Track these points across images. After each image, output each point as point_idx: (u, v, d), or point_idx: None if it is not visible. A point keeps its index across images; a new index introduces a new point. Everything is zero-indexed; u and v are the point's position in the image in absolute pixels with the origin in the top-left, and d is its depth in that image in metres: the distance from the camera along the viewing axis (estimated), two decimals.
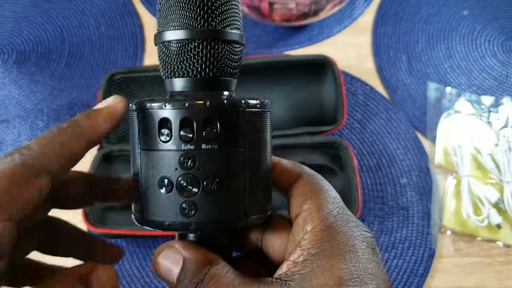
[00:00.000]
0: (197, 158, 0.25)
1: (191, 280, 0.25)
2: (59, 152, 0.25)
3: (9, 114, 0.74)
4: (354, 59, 0.80)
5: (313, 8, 0.74)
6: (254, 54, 0.78)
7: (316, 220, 0.26)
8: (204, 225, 0.26)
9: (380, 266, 0.26)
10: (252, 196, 0.27)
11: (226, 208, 0.26)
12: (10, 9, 0.85)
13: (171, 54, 0.27)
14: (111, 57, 0.79)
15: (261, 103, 0.27)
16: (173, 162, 0.25)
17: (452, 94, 0.75)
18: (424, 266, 0.62)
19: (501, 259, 0.63)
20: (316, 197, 0.27)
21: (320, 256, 0.25)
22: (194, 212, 0.25)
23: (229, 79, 0.28)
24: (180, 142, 0.25)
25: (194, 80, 0.27)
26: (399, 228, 0.65)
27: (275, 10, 0.74)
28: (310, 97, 0.72)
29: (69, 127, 0.26)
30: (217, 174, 0.25)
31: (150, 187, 0.26)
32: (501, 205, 0.64)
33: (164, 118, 0.25)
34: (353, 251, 0.25)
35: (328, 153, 0.67)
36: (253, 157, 0.27)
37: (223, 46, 0.27)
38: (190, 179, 0.25)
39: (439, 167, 0.69)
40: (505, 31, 0.82)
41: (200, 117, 0.25)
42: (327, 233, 0.25)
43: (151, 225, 0.27)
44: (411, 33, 0.82)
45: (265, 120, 0.28)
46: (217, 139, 0.25)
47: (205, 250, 0.26)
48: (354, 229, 0.26)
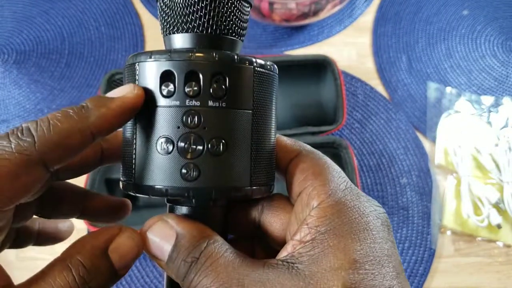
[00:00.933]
0: (203, 116, 0.23)
1: (185, 259, 0.22)
2: (58, 143, 0.22)
3: (9, 114, 0.74)
4: (354, 59, 0.80)
5: (313, 8, 0.74)
6: (254, 54, 0.78)
7: (323, 194, 0.23)
8: (206, 191, 0.23)
9: (394, 245, 0.24)
10: (258, 165, 0.24)
11: (230, 174, 0.23)
12: (10, 9, 0.85)
13: (175, 6, 0.24)
14: (111, 57, 0.79)
15: (270, 65, 0.25)
16: (176, 119, 0.23)
17: (452, 94, 0.75)
18: (424, 266, 0.62)
19: (501, 259, 0.63)
20: (320, 172, 0.24)
21: (331, 235, 0.22)
22: (197, 176, 0.23)
23: (235, 39, 0.25)
24: (184, 98, 0.23)
25: (199, 36, 0.24)
26: (399, 228, 0.65)
27: (275, 10, 0.74)
28: (310, 97, 0.72)
29: (75, 114, 0.22)
30: (224, 135, 0.23)
31: (146, 148, 0.24)
32: (501, 205, 0.64)
33: (167, 70, 0.23)
34: (368, 230, 0.22)
35: (328, 153, 0.67)
36: (260, 121, 0.24)
37: (232, 1, 0.25)
38: (194, 139, 0.23)
39: (439, 167, 0.69)
40: (505, 31, 0.82)
41: (208, 71, 0.23)
42: (337, 209, 0.23)
43: (145, 191, 0.24)
44: (411, 33, 0.82)
45: (274, 84, 0.26)
46: (226, 97, 0.23)
47: (201, 225, 0.24)
48: (366, 204, 0.24)
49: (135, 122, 0.24)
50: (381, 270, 0.22)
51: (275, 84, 0.26)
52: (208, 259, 0.22)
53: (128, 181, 0.25)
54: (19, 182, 0.21)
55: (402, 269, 0.23)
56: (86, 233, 0.63)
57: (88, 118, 0.22)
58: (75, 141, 0.22)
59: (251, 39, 0.81)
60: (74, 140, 0.22)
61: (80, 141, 0.22)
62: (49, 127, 0.22)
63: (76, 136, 0.22)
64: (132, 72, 0.25)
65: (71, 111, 0.23)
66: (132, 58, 0.25)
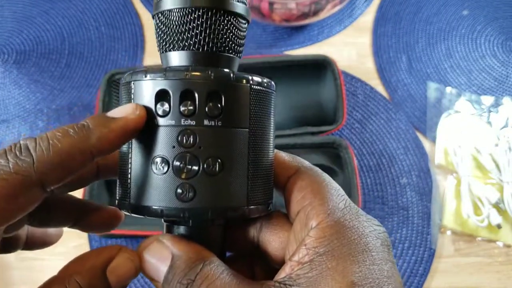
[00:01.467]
0: (198, 135, 0.22)
1: (180, 281, 0.22)
2: (57, 164, 0.21)
3: (9, 114, 0.74)
4: (354, 59, 0.80)
5: (313, 8, 0.74)
6: (254, 54, 0.78)
7: (322, 214, 0.23)
8: (202, 211, 0.23)
9: (395, 266, 0.23)
10: (255, 183, 0.24)
11: (227, 194, 0.23)
12: (10, 9, 0.85)
13: (171, 24, 0.24)
14: (111, 57, 0.79)
15: (267, 82, 0.25)
16: (171, 139, 0.23)
17: (452, 94, 0.75)
18: (424, 266, 0.62)
19: (501, 259, 0.63)
20: (318, 190, 0.24)
21: (330, 256, 0.22)
22: (192, 196, 0.22)
23: (232, 56, 0.25)
24: (179, 117, 0.23)
25: (195, 54, 0.24)
26: (399, 228, 0.65)
27: (275, 10, 0.74)
28: (310, 97, 0.72)
29: (75, 134, 0.22)
30: (220, 155, 0.23)
31: (142, 168, 0.23)
32: (501, 205, 0.64)
33: (163, 89, 0.23)
34: (367, 251, 0.22)
35: (328, 153, 0.67)
36: (258, 139, 0.24)
37: (229, 18, 0.24)
38: (189, 159, 0.22)
39: (439, 167, 0.69)
40: (505, 31, 0.82)
41: (204, 90, 0.22)
42: (336, 229, 0.23)
43: (141, 211, 0.24)
44: (411, 33, 0.82)
45: (271, 101, 0.25)
46: (221, 116, 0.23)
47: (198, 246, 0.23)
48: (365, 223, 0.23)
49: (131, 142, 0.24)
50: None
51: (272, 101, 0.26)
52: (204, 281, 0.22)
53: (124, 201, 0.25)
54: (16, 203, 0.21)
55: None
56: (85, 234, 0.64)
57: (89, 138, 0.22)
58: (75, 162, 0.22)
59: (251, 39, 0.81)
60: (74, 161, 0.22)
61: (80, 162, 0.22)
62: (49, 146, 0.21)
63: (76, 157, 0.22)
64: (128, 91, 0.24)
65: (72, 130, 0.22)
66: (128, 76, 0.25)
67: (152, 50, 0.80)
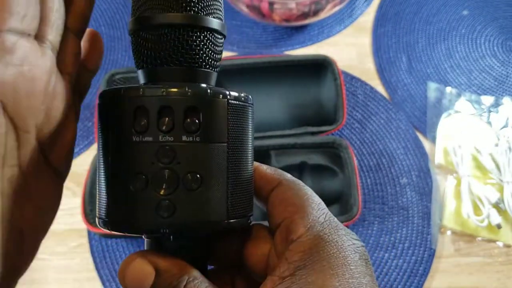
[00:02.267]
0: (177, 151, 0.22)
1: None
2: None
3: None
4: (354, 59, 0.80)
5: (313, 8, 0.74)
6: (254, 54, 0.78)
7: (302, 228, 0.23)
8: (182, 227, 0.23)
9: (373, 279, 0.24)
10: (235, 197, 0.24)
11: (206, 208, 0.23)
12: None
13: (148, 41, 0.24)
14: (111, 57, 0.79)
15: (245, 96, 0.25)
16: (149, 155, 0.22)
17: (452, 94, 0.75)
18: (424, 266, 0.62)
19: (501, 259, 0.63)
20: (299, 204, 0.24)
21: (309, 270, 0.22)
22: (172, 212, 0.22)
23: (209, 71, 0.25)
24: (157, 133, 0.22)
25: (172, 70, 0.24)
26: (399, 228, 0.65)
27: (275, 10, 0.74)
28: (310, 97, 0.72)
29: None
30: (198, 170, 0.23)
31: (121, 185, 0.23)
32: (501, 205, 0.64)
33: (141, 106, 0.23)
34: (346, 264, 0.23)
35: (328, 153, 0.67)
36: (236, 153, 0.24)
37: (204, 34, 0.25)
38: (168, 175, 0.22)
39: (439, 167, 0.69)
40: (505, 31, 0.82)
41: (181, 106, 0.23)
42: (315, 243, 0.23)
43: (121, 228, 0.24)
44: (411, 33, 0.82)
45: (248, 115, 0.26)
46: (199, 131, 0.23)
47: (180, 261, 0.24)
48: (344, 237, 0.24)
49: (108, 159, 0.24)
50: None
51: (250, 114, 0.26)
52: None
53: (104, 218, 0.24)
54: None
55: None
56: (86, 233, 0.63)
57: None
58: None
59: (251, 39, 0.81)
60: None
61: None
62: None
63: None
64: (106, 108, 0.24)
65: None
66: (105, 93, 0.25)
67: None
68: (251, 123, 0.26)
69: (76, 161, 0.70)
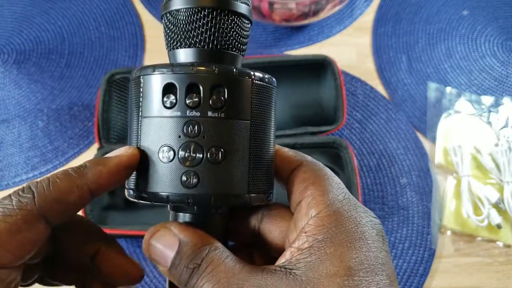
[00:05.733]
0: (202, 126, 0.24)
1: (187, 266, 0.23)
2: (57, 199, 0.23)
3: (9, 114, 0.74)
4: (354, 59, 0.80)
5: (313, 8, 0.74)
6: (254, 54, 0.78)
7: (322, 204, 0.24)
8: (205, 198, 0.24)
9: (389, 255, 0.24)
10: (256, 173, 0.25)
11: (229, 181, 0.24)
12: (10, 9, 0.85)
13: (178, 23, 0.26)
14: (111, 57, 0.79)
15: (269, 78, 0.26)
16: (177, 129, 0.24)
17: (452, 94, 0.75)
18: (424, 266, 0.62)
19: (501, 259, 0.63)
20: (320, 182, 0.25)
21: (328, 243, 0.23)
22: (196, 183, 0.24)
23: (236, 54, 0.27)
24: (185, 108, 0.24)
25: (201, 51, 0.26)
26: (399, 228, 0.65)
27: (275, 10, 0.74)
28: (310, 97, 0.72)
29: (74, 172, 0.24)
30: (222, 144, 0.24)
31: (149, 157, 0.25)
32: (501, 205, 0.64)
33: (170, 83, 0.24)
34: (363, 239, 0.23)
35: (328, 153, 0.67)
36: (258, 131, 0.26)
37: (232, 17, 0.26)
38: (194, 147, 0.24)
39: (439, 167, 0.69)
40: (505, 31, 0.82)
41: (208, 83, 0.24)
42: (334, 218, 0.24)
43: (148, 198, 0.25)
44: (411, 33, 0.82)
45: (272, 96, 0.27)
46: (224, 108, 0.24)
47: (203, 233, 0.25)
48: (362, 215, 0.25)
49: (139, 132, 0.25)
50: (375, 277, 0.23)
51: (273, 95, 0.27)
52: (209, 265, 0.23)
53: (132, 189, 0.26)
54: (22, 237, 0.22)
55: (395, 278, 0.24)
56: None
57: (86, 175, 0.24)
58: (74, 197, 0.23)
59: (251, 39, 0.81)
60: (72, 196, 0.23)
61: (78, 197, 0.24)
62: (49, 184, 0.23)
63: (74, 193, 0.23)
64: (137, 85, 0.26)
65: (71, 170, 0.24)
66: (137, 71, 0.26)
67: (152, 50, 0.80)
68: (274, 104, 0.27)
69: (76, 161, 0.70)
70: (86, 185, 0.24)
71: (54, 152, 0.71)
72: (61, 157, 0.70)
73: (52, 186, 0.23)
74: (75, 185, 0.23)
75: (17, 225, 0.22)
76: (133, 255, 0.62)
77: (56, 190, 0.23)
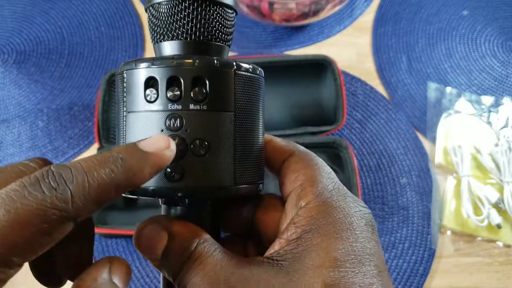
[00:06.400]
0: (184, 119, 0.24)
1: (176, 259, 0.23)
2: (94, 199, 0.20)
3: (9, 114, 0.74)
4: (354, 59, 0.80)
5: (313, 8, 0.74)
6: (254, 54, 0.78)
7: (311, 195, 0.24)
8: (190, 191, 0.24)
9: (378, 245, 0.24)
10: (242, 164, 0.25)
11: (214, 173, 0.24)
12: (10, 9, 0.85)
13: (160, 16, 0.26)
14: (111, 57, 0.79)
15: (253, 68, 0.26)
16: (159, 123, 0.24)
17: (452, 94, 0.75)
18: (424, 266, 0.62)
19: (501, 259, 0.63)
20: (310, 173, 0.25)
21: (315, 234, 0.23)
22: (180, 177, 0.24)
23: (221, 45, 0.27)
24: (166, 102, 0.24)
25: (185, 43, 0.26)
26: (399, 228, 0.65)
27: (275, 10, 0.74)
28: (310, 97, 0.72)
29: (113, 166, 0.21)
30: (205, 137, 0.24)
31: None
32: (501, 205, 0.64)
33: (151, 77, 0.24)
34: (351, 229, 0.23)
35: (328, 153, 0.67)
36: (243, 122, 0.25)
37: (215, 8, 0.26)
38: (177, 141, 0.24)
39: (439, 167, 0.69)
40: (505, 31, 0.82)
41: (189, 75, 0.24)
42: (323, 209, 0.24)
43: (135, 192, 0.25)
44: (411, 33, 0.82)
45: (257, 87, 0.27)
46: (206, 100, 0.24)
47: (192, 226, 0.25)
48: (351, 204, 0.25)
49: (124, 127, 0.25)
50: (362, 268, 0.23)
51: (259, 85, 0.27)
52: (198, 258, 0.23)
53: None
54: (51, 236, 0.19)
55: (385, 267, 0.24)
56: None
57: (126, 173, 0.21)
58: (110, 196, 0.21)
59: (251, 39, 0.81)
60: (109, 196, 0.21)
61: (114, 196, 0.21)
62: (86, 180, 0.20)
63: (111, 192, 0.21)
64: (121, 80, 0.26)
65: (108, 162, 0.21)
66: (122, 66, 0.26)
67: (152, 50, 0.80)
68: (261, 94, 0.27)
69: None
70: (124, 185, 0.21)
71: (54, 152, 0.71)
72: (61, 157, 0.70)
73: (89, 184, 0.20)
74: (114, 185, 0.21)
75: (49, 225, 0.19)
76: (133, 254, 0.62)
77: (94, 189, 0.20)
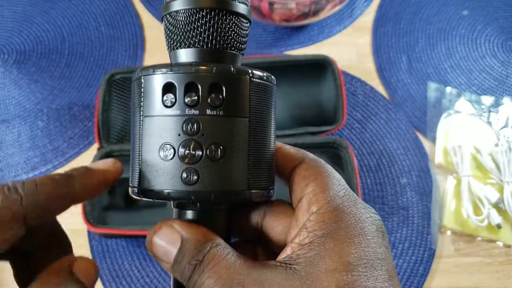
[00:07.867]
0: (201, 124, 0.25)
1: (189, 262, 0.24)
2: (41, 204, 0.24)
3: (9, 114, 0.74)
4: (354, 59, 0.80)
5: (313, 8, 0.74)
6: (254, 54, 0.78)
7: (322, 200, 0.25)
8: (205, 195, 0.25)
9: (389, 250, 0.25)
10: (256, 170, 0.26)
11: (228, 178, 0.25)
12: (10, 9, 0.85)
13: (178, 24, 0.26)
14: (111, 57, 0.79)
15: (267, 76, 0.27)
16: (176, 127, 0.25)
17: (452, 94, 0.75)
18: (424, 266, 0.62)
19: (501, 259, 0.63)
20: (321, 179, 0.26)
21: (328, 239, 0.23)
22: (196, 180, 0.24)
23: (235, 53, 0.27)
24: (184, 107, 0.25)
25: (200, 51, 0.26)
26: (399, 228, 0.65)
27: (275, 10, 0.74)
28: (310, 97, 0.72)
29: (62, 180, 0.25)
30: (221, 142, 0.25)
31: (150, 155, 0.26)
32: (501, 205, 0.64)
33: (169, 82, 0.25)
34: (363, 234, 0.24)
35: (328, 153, 0.67)
36: (257, 128, 0.26)
37: (231, 17, 0.26)
38: (193, 145, 0.24)
39: (439, 167, 0.69)
40: (505, 31, 0.82)
41: (206, 82, 0.25)
42: (334, 214, 0.24)
43: (150, 195, 0.26)
44: (411, 33, 0.82)
45: (271, 94, 0.27)
46: (223, 106, 0.25)
47: (205, 230, 0.25)
48: (362, 211, 0.25)
49: (140, 131, 0.26)
50: (374, 272, 0.23)
51: (272, 93, 0.28)
52: (211, 261, 0.23)
53: (135, 186, 0.27)
54: (2, 236, 0.23)
55: (395, 273, 0.24)
56: (86, 233, 0.64)
57: (72, 185, 0.25)
58: (58, 204, 0.24)
59: (251, 39, 0.81)
60: (55, 203, 0.24)
61: (61, 205, 0.25)
62: (36, 188, 0.24)
63: (59, 201, 0.25)
64: (139, 85, 0.27)
65: (58, 176, 0.25)
66: (139, 72, 0.27)
67: (152, 50, 0.80)
68: (273, 102, 0.28)
69: (76, 161, 0.70)
70: (70, 195, 0.25)
71: (54, 152, 0.71)
72: (61, 157, 0.70)
73: (39, 191, 0.24)
74: (60, 194, 0.24)
75: (1, 223, 0.22)
76: (133, 255, 0.62)
77: (43, 195, 0.24)
